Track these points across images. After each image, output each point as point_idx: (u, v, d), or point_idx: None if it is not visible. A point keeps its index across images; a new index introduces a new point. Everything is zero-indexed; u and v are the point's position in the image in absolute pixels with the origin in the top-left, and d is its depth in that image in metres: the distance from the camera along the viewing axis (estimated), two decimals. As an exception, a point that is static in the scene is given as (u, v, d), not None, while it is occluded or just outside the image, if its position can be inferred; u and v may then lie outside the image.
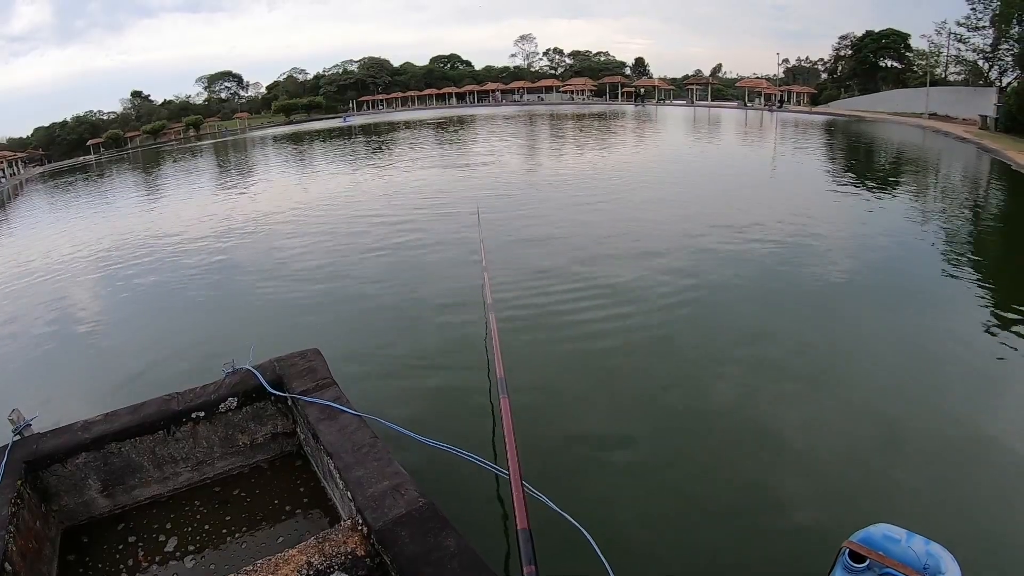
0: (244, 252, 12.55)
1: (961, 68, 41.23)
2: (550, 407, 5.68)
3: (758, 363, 6.36)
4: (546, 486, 3.24)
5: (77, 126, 76.34)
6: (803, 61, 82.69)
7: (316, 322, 8.21)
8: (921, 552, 2.89)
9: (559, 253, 10.49)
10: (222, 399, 4.18)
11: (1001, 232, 12.14)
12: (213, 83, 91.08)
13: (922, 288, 8.52)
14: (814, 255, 9.90)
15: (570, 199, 15.30)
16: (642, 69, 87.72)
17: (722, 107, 56.94)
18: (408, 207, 15.65)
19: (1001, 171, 18.84)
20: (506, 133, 38.31)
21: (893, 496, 4.29)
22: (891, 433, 5.05)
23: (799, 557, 3.73)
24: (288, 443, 4.49)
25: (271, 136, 57.17)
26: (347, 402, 3.91)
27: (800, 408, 5.52)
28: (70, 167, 55.07)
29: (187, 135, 74.17)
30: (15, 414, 3.89)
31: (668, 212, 13.51)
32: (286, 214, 16.25)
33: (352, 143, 39.42)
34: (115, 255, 13.59)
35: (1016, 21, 31.26)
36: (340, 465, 3.31)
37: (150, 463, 4.02)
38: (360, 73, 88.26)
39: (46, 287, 11.70)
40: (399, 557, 2.60)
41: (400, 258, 11.01)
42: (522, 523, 2.30)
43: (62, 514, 3.83)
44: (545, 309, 7.96)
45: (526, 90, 79.52)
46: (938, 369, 6.21)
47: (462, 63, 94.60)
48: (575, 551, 3.01)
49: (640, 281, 8.88)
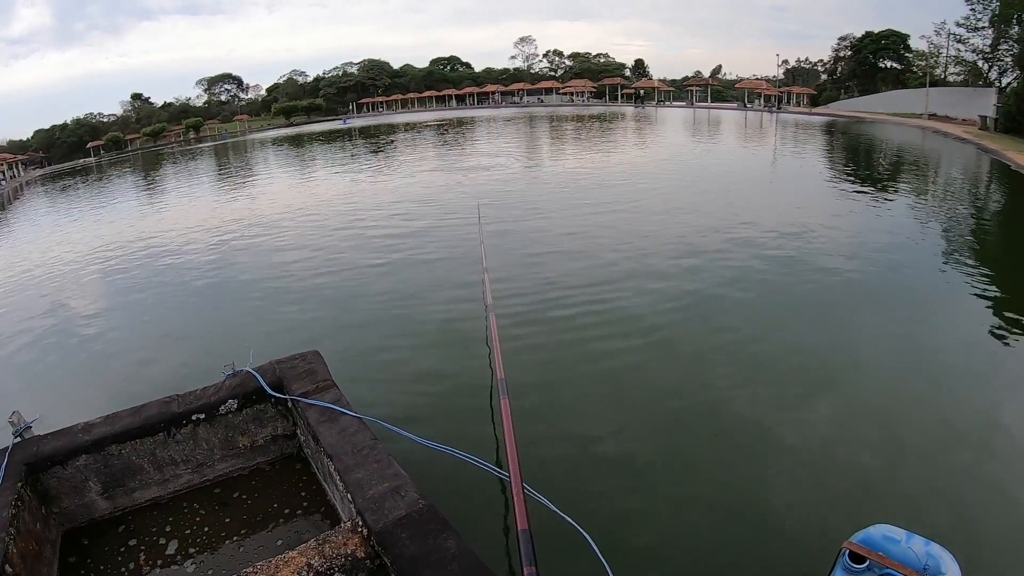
0: (244, 254, 12.56)
1: (960, 69, 41.26)
2: (550, 409, 5.68)
3: (758, 364, 6.36)
4: (546, 487, 3.24)
5: (77, 128, 76.47)
6: (803, 62, 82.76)
7: (316, 324, 8.21)
8: (921, 552, 2.89)
9: (559, 254, 10.49)
10: (222, 401, 4.18)
11: (1001, 233, 12.15)
12: (213, 85, 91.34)
13: (922, 289, 8.52)
14: (813, 256, 9.90)
15: (570, 201, 15.31)
16: (642, 71, 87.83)
17: (722, 108, 57.02)
18: (408, 209, 15.66)
19: (1001, 172, 18.84)
20: (506, 135, 38.34)
21: (893, 497, 4.29)
22: (891, 434, 5.05)
23: (799, 558, 3.73)
24: (288, 445, 4.49)
25: (271, 138, 57.25)
26: (347, 404, 3.92)
27: (800, 409, 5.52)
28: (70, 169, 55.16)
29: (187, 137, 74.28)
30: (15, 416, 3.89)
31: (668, 213, 13.50)
32: (286, 216, 16.26)
33: (352, 145, 39.46)
34: (115, 257, 13.61)
35: (1015, 21, 31.26)
36: (340, 467, 3.31)
37: (150, 465, 4.02)
38: (360, 75, 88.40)
39: (46, 290, 11.71)
40: (399, 559, 2.60)
41: (400, 260, 11.01)
42: (522, 524, 2.30)
43: (62, 516, 3.83)
44: (545, 311, 7.97)
45: (526, 92, 79.58)
46: (938, 370, 6.21)
47: (462, 65, 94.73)
48: (575, 552, 3.01)
49: (641, 283, 8.88)
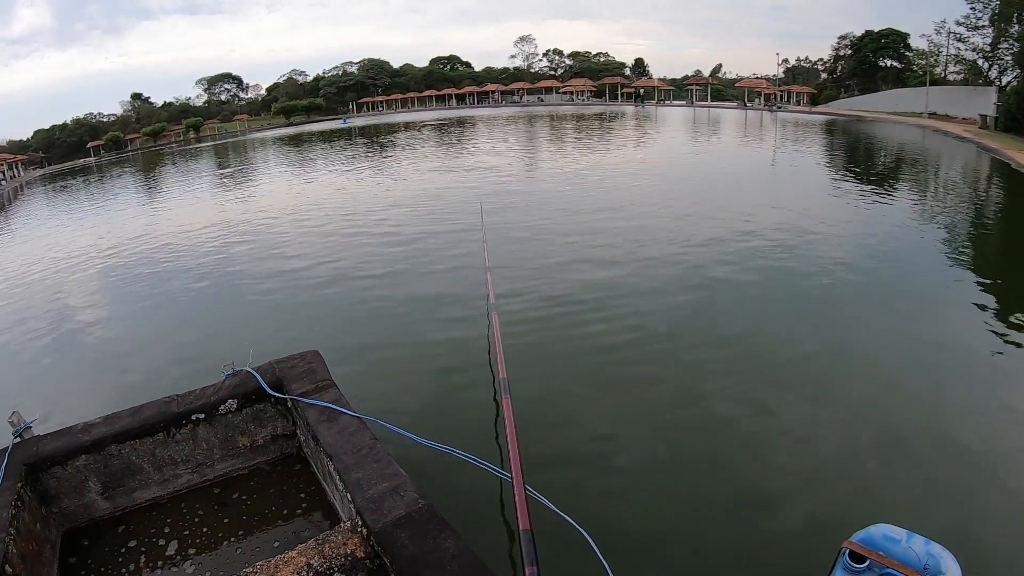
0: (243, 254, 12.55)
1: (960, 67, 41.18)
2: (551, 409, 5.67)
3: (758, 365, 6.35)
4: (546, 488, 3.24)
5: (77, 128, 76.51)
6: (803, 61, 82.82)
7: (316, 324, 8.21)
8: (921, 552, 2.88)
9: (561, 254, 10.48)
10: (222, 401, 4.18)
11: (1001, 232, 12.13)
12: (213, 85, 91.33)
13: (922, 288, 8.51)
14: (813, 256, 9.89)
15: (572, 200, 15.30)
16: (642, 70, 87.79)
17: (721, 107, 57.00)
18: (409, 208, 15.65)
19: (1001, 171, 18.83)
20: (507, 134, 38.33)
21: (893, 496, 4.28)
22: (891, 433, 5.04)
23: (799, 557, 3.72)
24: (288, 445, 4.49)
25: (271, 138, 57.23)
26: (347, 404, 3.91)
27: (800, 409, 5.52)
28: (70, 169, 55.15)
29: (187, 137, 74.27)
30: (15, 416, 3.89)
31: (670, 213, 13.49)
32: (286, 215, 16.25)
33: (352, 145, 39.44)
34: (115, 257, 13.61)
35: (1015, 20, 31.23)
36: (340, 467, 3.31)
37: (150, 465, 4.02)
38: (360, 75, 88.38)
39: (46, 290, 11.71)
40: (399, 559, 2.60)
41: (401, 258, 11.00)
42: (524, 524, 2.28)
43: (62, 516, 3.83)
44: (547, 309, 7.96)
45: (526, 91, 79.55)
46: (937, 369, 6.20)
47: (462, 64, 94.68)
48: (576, 553, 3.00)
49: (642, 283, 8.87)
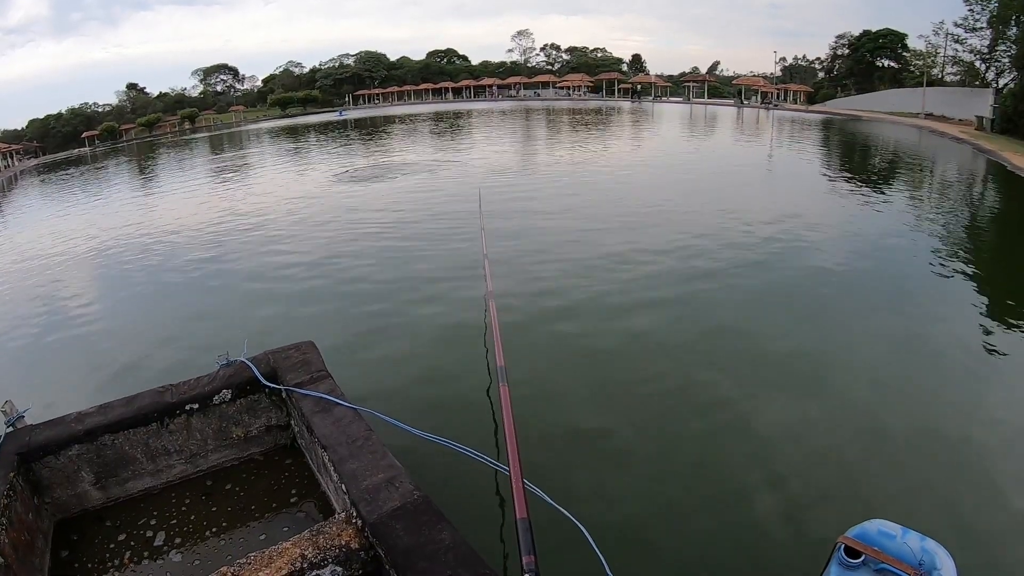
0: (238, 244, 12.47)
1: (958, 69, 41.18)
2: (546, 401, 5.66)
3: (755, 361, 6.36)
4: (541, 480, 3.22)
5: (72, 118, 75.81)
6: (800, 60, 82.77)
7: (311, 314, 8.17)
8: (916, 548, 2.89)
9: (560, 244, 10.47)
10: (216, 391, 4.15)
11: (996, 234, 12.18)
12: (209, 76, 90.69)
13: (916, 287, 8.54)
14: (807, 254, 9.91)
15: (570, 193, 15.25)
16: (639, 66, 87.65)
17: (718, 104, 56.98)
18: (406, 196, 15.61)
19: (997, 172, 18.89)
20: (504, 127, 38.22)
21: (888, 492, 4.30)
22: (886, 429, 5.06)
23: (794, 552, 3.74)
24: (282, 436, 4.47)
25: (266, 129, 56.86)
26: (341, 394, 3.89)
27: (796, 405, 5.53)
28: (65, 159, 54.63)
29: (182, 128, 73.64)
30: (7, 406, 3.85)
31: (666, 208, 13.49)
32: (280, 206, 16.13)
33: (347, 137, 39.24)
34: (109, 247, 13.50)
35: (1013, 22, 31.28)
36: (334, 458, 3.29)
37: (143, 455, 3.99)
38: (356, 67, 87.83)
39: (40, 279, 11.61)
40: (393, 550, 2.58)
41: (397, 247, 10.95)
42: (521, 512, 2.27)
43: (55, 506, 3.80)
44: (545, 301, 7.95)
45: (523, 85, 79.31)
46: (931, 367, 6.23)
47: (459, 58, 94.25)
48: (570, 545, 3.00)
49: (639, 277, 8.87)
